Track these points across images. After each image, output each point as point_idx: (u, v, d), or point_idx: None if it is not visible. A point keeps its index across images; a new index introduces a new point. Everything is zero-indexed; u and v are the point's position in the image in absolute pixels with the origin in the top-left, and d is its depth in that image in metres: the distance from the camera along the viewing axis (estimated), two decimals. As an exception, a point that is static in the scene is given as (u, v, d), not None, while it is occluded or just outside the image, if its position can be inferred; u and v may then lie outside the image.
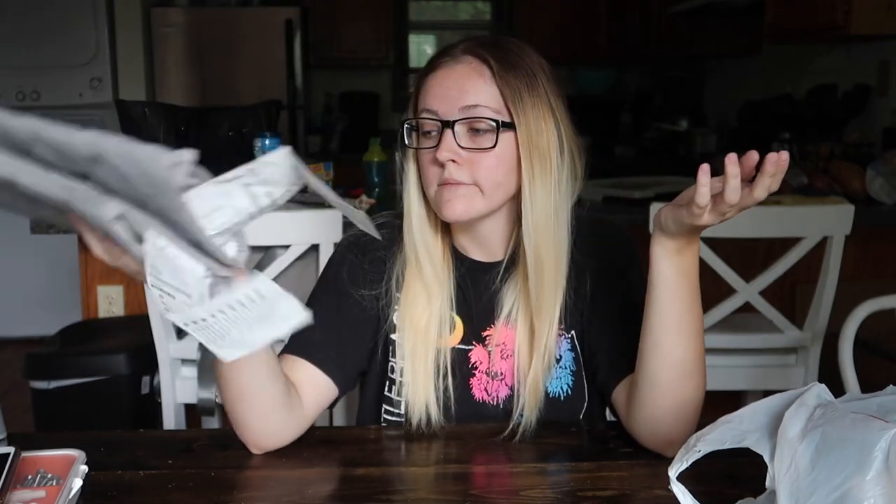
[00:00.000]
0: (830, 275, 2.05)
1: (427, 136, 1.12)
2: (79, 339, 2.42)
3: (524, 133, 1.09)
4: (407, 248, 1.17)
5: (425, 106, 1.12)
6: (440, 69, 1.12)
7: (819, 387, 0.77)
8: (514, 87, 1.09)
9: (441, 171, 1.10)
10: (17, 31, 4.40)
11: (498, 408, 1.18)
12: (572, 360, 1.19)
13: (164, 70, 4.72)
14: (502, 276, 1.18)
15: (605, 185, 2.90)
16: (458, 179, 1.09)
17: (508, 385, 1.18)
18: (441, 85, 1.11)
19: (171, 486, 0.97)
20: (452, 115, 1.09)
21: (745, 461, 1.04)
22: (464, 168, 1.09)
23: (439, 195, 1.11)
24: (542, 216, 1.10)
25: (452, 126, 1.09)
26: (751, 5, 3.84)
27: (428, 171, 1.12)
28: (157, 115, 2.43)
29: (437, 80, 1.12)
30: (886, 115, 3.26)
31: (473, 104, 1.09)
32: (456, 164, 1.09)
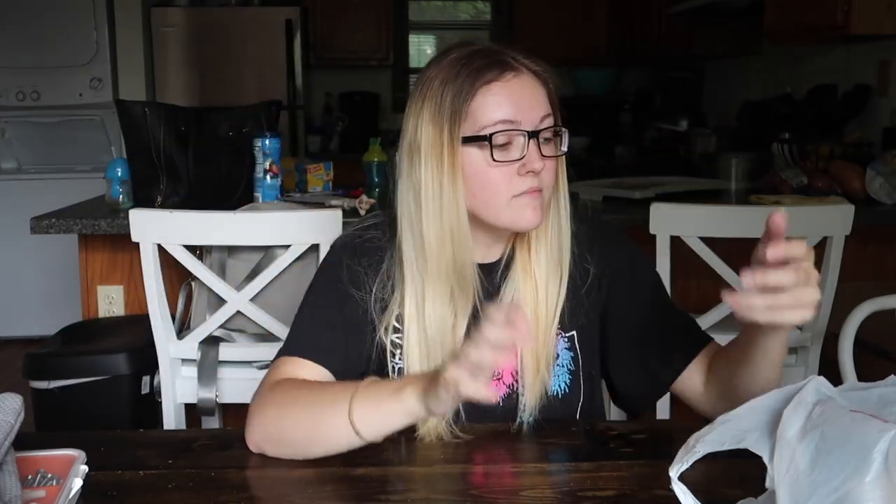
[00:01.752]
0: (830, 275, 2.05)
1: (502, 148, 1.10)
2: (79, 339, 2.42)
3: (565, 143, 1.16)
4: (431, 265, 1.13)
5: (504, 117, 1.10)
6: (511, 81, 1.11)
7: (818, 380, 0.76)
8: (559, 101, 1.16)
9: (522, 180, 1.10)
10: (17, 31, 4.40)
11: (497, 406, 1.18)
12: (570, 359, 1.21)
13: (164, 70, 4.72)
14: (501, 275, 1.19)
15: (605, 185, 2.90)
16: (540, 186, 1.11)
17: (507, 384, 1.18)
18: (518, 96, 1.11)
19: (171, 486, 0.97)
20: (534, 125, 1.11)
21: (745, 461, 1.04)
22: (541, 177, 1.11)
23: (520, 204, 1.11)
24: (566, 218, 1.17)
25: (538, 136, 1.11)
26: (751, 5, 3.84)
27: (506, 181, 1.10)
28: (157, 115, 2.43)
29: (510, 90, 1.10)
30: (886, 115, 3.26)
31: (546, 114, 1.12)
32: (539, 173, 1.11)
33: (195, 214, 1.94)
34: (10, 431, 0.86)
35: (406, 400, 1.00)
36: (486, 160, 1.10)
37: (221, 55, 4.73)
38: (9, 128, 4.54)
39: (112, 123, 4.17)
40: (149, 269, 1.93)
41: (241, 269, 2.09)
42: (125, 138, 2.51)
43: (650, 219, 2.07)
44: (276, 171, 2.50)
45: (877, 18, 2.86)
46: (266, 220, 1.96)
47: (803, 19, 3.13)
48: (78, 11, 4.42)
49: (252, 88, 4.60)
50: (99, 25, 4.46)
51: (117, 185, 2.53)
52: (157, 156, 2.43)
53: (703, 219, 2.07)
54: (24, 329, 4.41)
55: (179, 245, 1.94)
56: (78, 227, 2.36)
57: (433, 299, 1.14)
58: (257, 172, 2.50)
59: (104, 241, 2.58)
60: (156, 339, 1.98)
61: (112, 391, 2.27)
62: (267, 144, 2.48)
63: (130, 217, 1.92)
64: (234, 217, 1.96)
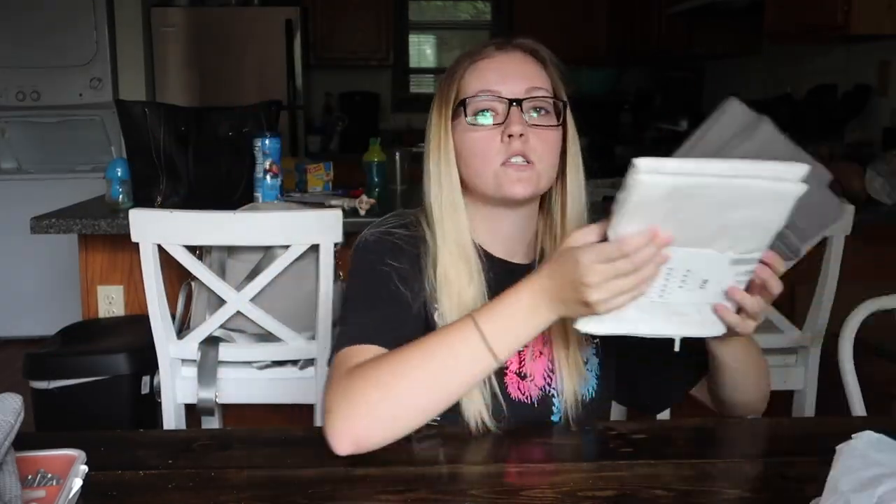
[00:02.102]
0: (830, 275, 2.05)
1: (484, 116, 1.14)
2: (79, 339, 2.42)
3: (570, 120, 1.18)
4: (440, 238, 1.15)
5: (485, 87, 1.14)
6: (495, 56, 1.16)
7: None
8: (559, 79, 1.18)
9: (504, 146, 1.12)
10: (17, 31, 4.40)
11: (532, 406, 1.18)
12: (598, 364, 1.21)
13: (164, 70, 4.73)
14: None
15: (605, 185, 2.90)
16: (525, 153, 1.11)
17: (538, 386, 1.18)
18: (502, 68, 1.15)
19: (171, 486, 0.97)
20: (518, 94, 1.13)
21: (745, 461, 1.04)
22: (528, 144, 1.12)
23: (504, 175, 1.12)
24: (577, 209, 1.17)
25: (521, 104, 1.12)
26: (751, 5, 3.84)
27: (489, 146, 1.13)
28: (157, 115, 2.43)
29: (494, 64, 1.16)
30: (886, 115, 3.26)
31: (537, 86, 1.15)
32: (523, 140, 1.11)
33: (195, 214, 1.94)
34: (10, 431, 0.86)
35: (541, 312, 0.98)
36: (467, 127, 1.14)
37: (221, 55, 4.73)
38: (9, 128, 4.54)
39: (112, 123, 4.17)
40: (149, 269, 1.93)
41: (241, 269, 2.09)
42: (125, 138, 2.51)
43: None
44: (276, 171, 2.50)
45: (877, 18, 2.86)
46: (266, 220, 1.95)
47: (803, 19, 3.13)
48: (78, 11, 4.42)
49: (252, 88, 4.60)
50: (99, 25, 4.46)
51: (117, 185, 2.53)
52: (157, 156, 2.43)
53: (703, 219, 2.07)
54: (24, 329, 4.41)
55: (179, 245, 1.94)
56: (78, 227, 2.36)
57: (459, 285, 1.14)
58: (257, 172, 2.50)
59: (104, 241, 2.58)
60: (156, 339, 1.98)
61: (112, 391, 2.27)
62: (267, 144, 2.48)
63: (130, 217, 1.92)
64: (234, 217, 1.96)
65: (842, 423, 1.17)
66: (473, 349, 0.99)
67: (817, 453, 0.92)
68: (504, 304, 1.00)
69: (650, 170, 0.84)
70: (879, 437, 0.81)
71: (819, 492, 0.78)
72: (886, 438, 0.81)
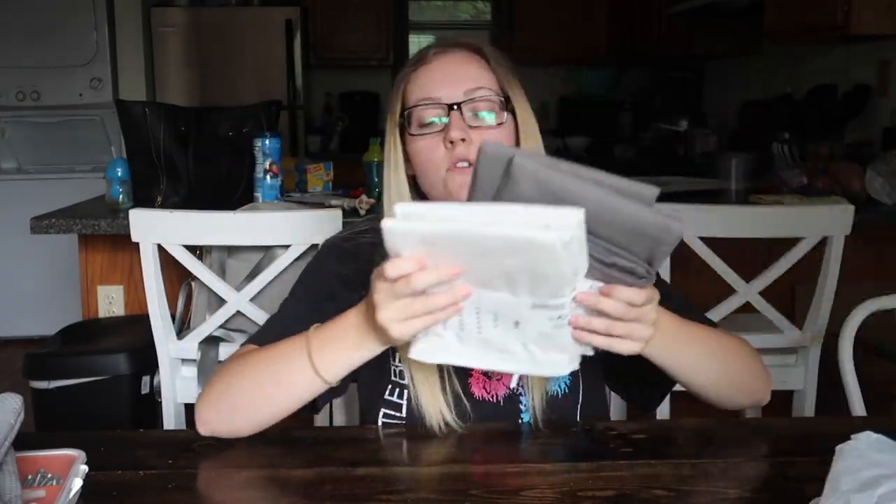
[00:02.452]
0: (830, 275, 2.05)
1: (426, 126, 1.14)
2: (79, 339, 2.42)
3: (521, 116, 1.16)
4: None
5: (424, 95, 1.14)
6: (433, 61, 1.15)
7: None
8: (506, 71, 1.16)
9: (448, 152, 1.11)
10: (17, 30, 4.40)
11: (497, 405, 1.18)
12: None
13: (164, 70, 4.72)
14: None
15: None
16: (470, 157, 1.10)
17: (506, 384, 1.18)
18: (440, 72, 1.14)
19: (171, 486, 0.97)
20: (456, 98, 1.12)
21: (745, 461, 1.04)
22: (473, 147, 1.11)
23: (452, 180, 1.12)
24: None
25: (460, 107, 1.12)
26: (751, 5, 3.84)
27: (433, 154, 1.13)
28: (157, 115, 2.43)
29: (432, 69, 1.15)
30: (886, 115, 3.26)
31: (477, 86, 1.13)
32: (466, 143, 1.11)
33: (195, 214, 1.94)
34: (10, 431, 0.86)
35: (370, 336, 0.98)
36: (413, 137, 1.14)
37: (221, 55, 4.73)
38: (9, 128, 4.54)
39: (112, 123, 4.17)
40: (149, 269, 1.93)
41: (241, 269, 2.09)
42: (125, 138, 2.51)
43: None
44: (276, 171, 2.50)
45: (877, 18, 2.87)
46: (266, 220, 1.95)
47: (803, 19, 3.13)
48: (78, 11, 4.42)
49: (252, 88, 4.60)
50: (99, 25, 4.46)
51: (117, 185, 2.53)
52: (157, 156, 2.43)
53: (703, 219, 2.07)
54: (24, 329, 4.41)
55: (179, 245, 1.94)
56: (78, 227, 2.36)
57: None
58: (257, 172, 2.50)
59: (104, 241, 2.58)
60: (156, 339, 1.98)
61: (112, 391, 2.27)
62: (267, 144, 2.48)
63: (130, 217, 1.92)
64: (234, 217, 1.96)
65: (842, 423, 1.17)
66: (302, 369, 1.02)
67: (817, 453, 0.92)
68: (336, 327, 1.02)
69: (402, 216, 0.83)
70: (879, 437, 0.81)
71: (819, 492, 0.78)
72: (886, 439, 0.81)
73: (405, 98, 1.16)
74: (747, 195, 2.74)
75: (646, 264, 0.89)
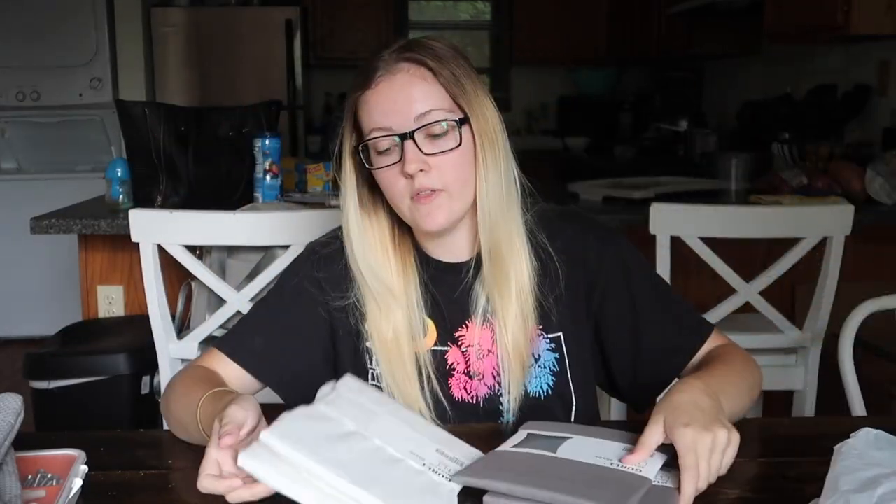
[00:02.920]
0: (830, 275, 2.05)
1: (384, 154, 1.11)
2: (79, 339, 2.42)
3: (478, 123, 1.11)
4: (352, 268, 1.17)
5: (375, 125, 1.11)
6: (379, 85, 1.11)
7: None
8: (456, 80, 1.10)
9: (409, 183, 1.10)
10: (17, 30, 4.40)
11: (478, 406, 1.18)
12: (554, 360, 1.18)
13: (164, 70, 4.72)
14: (472, 274, 1.18)
15: (604, 185, 2.90)
16: (431, 186, 1.09)
17: (488, 385, 1.18)
18: (386, 100, 1.10)
19: (171, 486, 0.97)
20: (408, 126, 1.09)
21: (745, 461, 1.04)
22: (432, 174, 1.09)
23: (416, 210, 1.11)
24: (496, 198, 1.12)
25: (413, 137, 1.08)
26: (751, 5, 3.84)
27: (394, 187, 1.11)
28: (156, 115, 2.43)
29: (379, 96, 1.11)
30: (886, 115, 3.26)
31: (426, 110, 1.09)
32: (425, 173, 1.09)
33: (195, 214, 1.94)
34: (10, 431, 0.86)
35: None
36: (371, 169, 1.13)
37: (221, 55, 4.73)
38: (9, 128, 4.54)
39: (112, 123, 4.17)
40: (149, 269, 1.93)
41: (241, 269, 2.09)
42: (125, 138, 2.51)
43: (650, 219, 2.07)
44: (276, 171, 2.50)
45: (877, 18, 2.86)
46: (266, 220, 1.95)
47: (803, 19, 3.13)
48: (78, 11, 4.42)
49: (252, 88, 4.60)
50: (99, 25, 4.46)
51: (117, 185, 2.53)
52: (157, 156, 2.43)
53: (703, 219, 2.07)
54: (24, 329, 4.41)
55: (179, 245, 1.94)
56: (78, 227, 2.36)
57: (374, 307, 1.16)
58: (257, 172, 2.50)
59: (104, 241, 2.58)
60: (156, 339, 1.98)
61: (112, 391, 2.27)
62: (267, 144, 2.48)
63: (130, 217, 1.92)
64: (234, 217, 1.96)
65: (842, 423, 1.17)
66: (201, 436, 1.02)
67: (817, 453, 0.92)
68: (213, 403, 1.02)
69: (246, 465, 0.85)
70: (878, 433, 0.81)
71: (819, 492, 0.78)
72: (884, 434, 0.81)
73: (357, 122, 1.14)
74: (747, 195, 2.74)
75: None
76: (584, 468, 0.90)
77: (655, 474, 0.90)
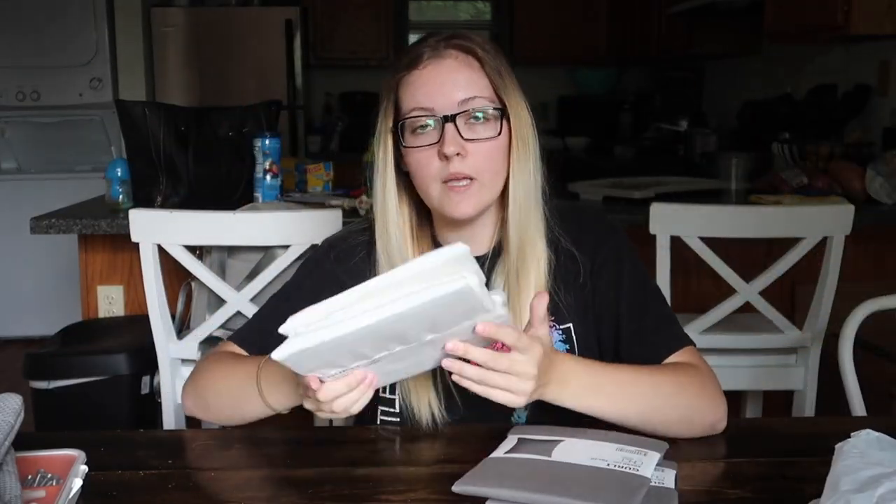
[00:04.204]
0: (830, 275, 2.05)
1: (421, 135, 1.12)
2: (79, 339, 2.42)
3: (515, 119, 1.14)
4: (380, 252, 1.17)
5: (417, 105, 1.12)
6: (426, 67, 1.12)
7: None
8: (500, 74, 1.13)
9: (443, 165, 1.10)
10: (17, 31, 4.40)
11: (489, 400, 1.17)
12: (565, 352, 1.18)
13: (164, 70, 4.72)
14: (489, 267, 1.18)
15: (604, 185, 2.90)
16: (464, 171, 1.10)
17: None
18: (432, 81, 1.11)
19: (171, 486, 0.97)
20: (450, 109, 1.10)
21: (745, 461, 1.04)
22: (468, 160, 1.10)
23: (445, 197, 1.11)
24: (526, 193, 1.14)
25: (454, 120, 1.10)
26: (751, 5, 3.84)
27: (426, 168, 1.12)
28: (156, 115, 2.43)
29: (425, 77, 1.12)
30: (886, 115, 3.26)
31: (471, 96, 1.11)
32: (461, 157, 1.10)
33: (195, 214, 1.94)
34: (10, 431, 0.86)
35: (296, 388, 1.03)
36: (404, 148, 1.13)
37: (221, 55, 4.73)
38: (9, 128, 4.54)
39: (112, 123, 4.17)
40: (149, 269, 1.93)
41: (240, 269, 2.09)
42: (125, 138, 2.51)
43: (650, 219, 2.07)
44: (276, 171, 2.50)
45: (877, 18, 2.86)
46: (266, 220, 1.95)
47: (803, 19, 3.13)
48: (78, 11, 4.42)
49: (252, 88, 4.60)
50: (99, 25, 4.46)
51: (117, 185, 2.53)
52: (157, 156, 2.43)
53: (703, 219, 2.07)
54: (24, 329, 4.41)
55: (179, 245, 1.94)
56: (78, 227, 2.36)
57: None
58: (257, 172, 2.50)
59: (104, 241, 2.58)
60: (156, 339, 1.98)
61: (112, 391, 2.27)
62: (267, 144, 2.49)
63: (130, 217, 1.92)
64: (234, 217, 1.96)
65: (842, 423, 1.17)
66: (256, 399, 1.08)
67: (817, 453, 0.92)
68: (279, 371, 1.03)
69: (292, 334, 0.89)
70: (879, 435, 0.81)
71: (819, 492, 0.78)
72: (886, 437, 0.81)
73: (398, 102, 1.14)
74: (747, 195, 2.74)
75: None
76: (582, 470, 0.90)
77: (652, 473, 0.90)
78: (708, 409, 1.10)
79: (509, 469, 0.92)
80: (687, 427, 1.09)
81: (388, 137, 1.15)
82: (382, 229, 1.17)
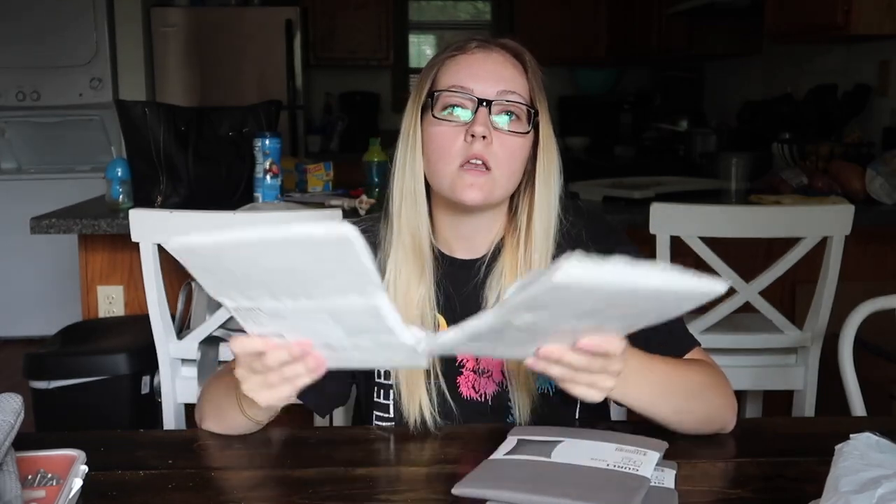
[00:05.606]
0: (830, 275, 2.05)
1: (452, 113, 1.12)
2: (79, 339, 2.42)
3: (543, 129, 1.15)
4: (395, 230, 1.16)
5: (457, 83, 1.12)
6: (475, 52, 1.14)
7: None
8: (538, 84, 1.15)
9: (465, 146, 1.10)
10: (17, 31, 4.40)
11: (486, 404, 1.18)
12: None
13: (164, 70, 4.72)
14: (486, 270, 1.18)
15: (604, 185, 2.90)
16: (485, 156, 1.09)
17: (496, 381, 1.18)
18: (478, 66, 1.13)
19: (171, 486, 0.97)
20: (489, 95, 1.11)
21: (745, 461, 1.04)
22: (492, 148, 1.10)
23: (460, 178, 1.11)
24: (545, 222, 1.15)
25: (490, 105, 1.11)
26: (751, 5, 3.84)
27: (450, 144, 1.11)
28: (156, 115, 2.43)
29: (471, 61, 1.14)
30: (886, 115, 3.26)
31: (511, 90, 1.12)
32: (486, 142, 1.10)
33: (195, 214, 1.94)
34: (11, 431, 0.86)
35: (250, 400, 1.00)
36: (433, 120, 1.13)
37: (221, 55, 4.73)
38: (9, 128, 4.54)
39: (112, 123, 4.17)
40: (149, 270, 1.93)
41: (241, 269, 2.09)
42: (125, 138, 2.51)
43: (650, 219, 2.07)
44: (276, 171, 2.50)
45: (877, 18, 2.86)
46: (266, 220, 1.95)
47: (803, 19, 3.13)
48: (78, 11, 4.42)
49: (252, 88, 4.60)
50: (99, 25, 4.46)
51: (117, 185, 2.53)
52: (157, 156, 2.43)
53: (703, 219, 2.07)
54: (24, 329, 4.41)
55: (179, 245, 1.93)
56: (78, 227, 2.36)
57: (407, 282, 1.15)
58: (257, 172, 2.50)
59: (104, 241, 2.58)
60: (156, 339, 1.98)
61: (112, 391, 2.27)
62: (267, 144, 2.49)
63: (130, 217, 1.92)
64: (234, 217, 1.96)
65: (842, 423, 1.17)
66: (239, 414, 1.07)
67: (817, 453, 0.92)
68: None
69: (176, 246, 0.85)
70: (879, 439, 0.81)
71: (819, 492, 0.78)
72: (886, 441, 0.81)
73: (435, 81, 1.15)
74: (747, 195, 2.74)
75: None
76: (582, 471, 0.90)
77: (652, 473, 0.90)
78: (726, 407, 1.12)
79: (509, 471, 0.92)
80: (706, 424, 1.10)
81: (417, 113, 1.15)
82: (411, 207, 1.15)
